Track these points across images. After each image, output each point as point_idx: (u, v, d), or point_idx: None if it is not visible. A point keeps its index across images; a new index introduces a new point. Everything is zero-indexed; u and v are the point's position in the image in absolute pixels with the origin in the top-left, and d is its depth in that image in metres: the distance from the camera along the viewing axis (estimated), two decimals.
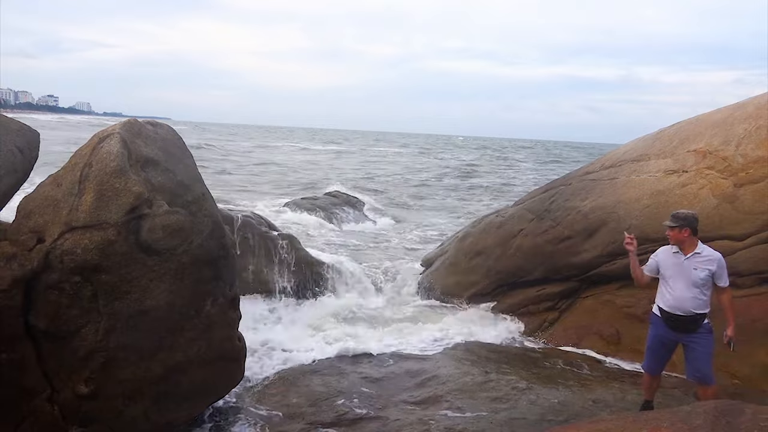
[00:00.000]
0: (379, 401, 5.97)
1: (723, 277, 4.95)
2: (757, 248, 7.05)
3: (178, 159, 5.26)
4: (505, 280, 9.20)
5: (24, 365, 4.49)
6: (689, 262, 4.98)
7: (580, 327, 8.15)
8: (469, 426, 5.37)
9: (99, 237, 4.50)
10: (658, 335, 5.17)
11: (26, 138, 5.55)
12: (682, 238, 5.02)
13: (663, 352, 5.21)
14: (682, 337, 5.02)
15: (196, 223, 5.02)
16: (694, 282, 4.92)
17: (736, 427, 3.40)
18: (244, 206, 16.90)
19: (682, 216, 5.02)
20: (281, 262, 9.85)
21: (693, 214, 5.08)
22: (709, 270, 4.91)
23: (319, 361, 7.19)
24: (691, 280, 4.93)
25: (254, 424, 5.58)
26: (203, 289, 5.11)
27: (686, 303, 4.94)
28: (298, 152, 55.90)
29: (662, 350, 5.20)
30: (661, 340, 5.17)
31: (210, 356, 5.22)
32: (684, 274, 4.97)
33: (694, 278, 4.93)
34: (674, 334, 5.06)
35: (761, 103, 8.10)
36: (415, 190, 27.80)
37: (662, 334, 5.13)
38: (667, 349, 5.18)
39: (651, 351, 5.28)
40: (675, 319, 5.01)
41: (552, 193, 9.57)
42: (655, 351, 5.25)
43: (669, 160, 8.27)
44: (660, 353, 5.22)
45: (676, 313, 4.99)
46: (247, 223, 9.90)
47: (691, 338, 4.98)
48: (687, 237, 5.00)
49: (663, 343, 5.16)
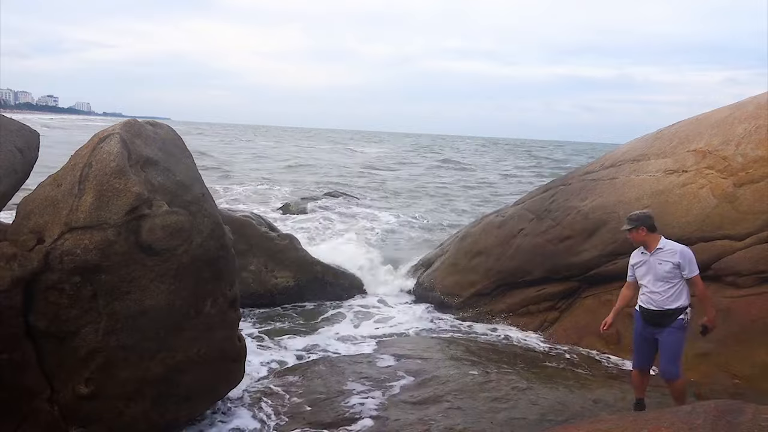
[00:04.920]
0: (379, 401, 5.96)
1: (688, 267, 5.06)
2: (757, 248, 7.05)
3: (177, 159, 5.26)
4: (505, 280, 9.19)
5: (24, 365, 4.49)
6: (654, 258, 5.16)
7: (580, 327, 8.15)
8: (469, 426, 5.36)
9: (99, 237, 4.49)
10: (637, 330, 5.36)
11: (26, 138, 5.55)
12: (641, 238, 5.22)
13: (644, 347, 5.32)
14: (656, 331, 5.16)
15: (196, 223, 5.02)
16: (661, 276, 5.09)
17: (736, 427, 3.40)
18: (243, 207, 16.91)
19: (635, 217, 5.25)
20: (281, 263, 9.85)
21: (645, 213, 5.34)
22: (671, 263, 5.06)
23: (319, 361, 7.19)
24: (658, 275, 5.11)
25: (254, 424, 5.58)
26: (203, 289, 5.10)
27: (655, 297, 5.12)
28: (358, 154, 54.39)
29: (643, 345, 5.32)
30: (640, 335, 5.32)
31: (210, 356, 5.22)
32: (651, 270, 5.16)
33: (659, 272, 5.10)
34: (650, 329, 5.21)
35: (761, 103, 8.10)
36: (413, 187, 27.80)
37: (640, 329, 5.30)
38: (648, 344, 5.29)
39: (635, 346, 5.46)
40: (648, 314, 5.18)
41: (552, 193, 9.58)
42: (637, 346, 5.41)
43: (669, 160, 8.27)
44: (641, 348, 5.35)
45: (648, 308, 5.17)
46: (247, 224, 9.90)
47: (663, 333, 5.12)
48: (645, 235, 5.19)
49: (643, 338, 5.30)
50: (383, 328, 8.84)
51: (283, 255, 9.92)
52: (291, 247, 10.08)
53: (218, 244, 5.22)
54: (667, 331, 5.08)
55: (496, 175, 38.99)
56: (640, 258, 5.28)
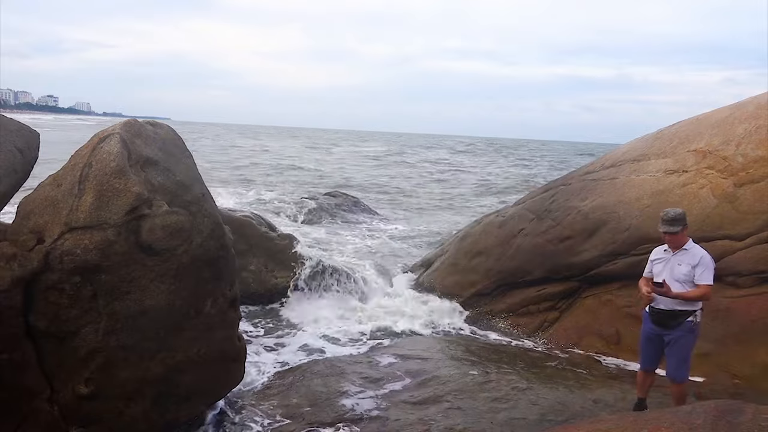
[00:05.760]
0: (379, 401, 5.96)
1: (703, 274, 4.95)
2: (757, 248, 7.04)
3: (177, 159, 5.26)
4: (506, 280, 9.19)
5: (24, 365, 4.49)
6: (675, 258, 5.08)
7: (580, 327, 8.14)
8: (469, 426, 5.36)
9: (99, 237, 4.49)
10: (644, 330, 5.29)
11: (26, 138, 5.55)
12: (684, 239, 5.08)
13: (650, 348, 5.27)
14: (664, 332, 5.10)
15: (196, 223, 5.02)
16: (677, 277, 5.01)
17: (736, 427, 3.40)
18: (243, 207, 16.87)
19: (680, 217, 5.03)
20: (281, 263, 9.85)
21: (683, 212, 5.14)
22: (690, 265, 4.97)
23: (319, 361, 7.19)
24: (674, 275, 5.02)
25: (254, 424, 5.58)
26: (203, 289, 5.10)
27: (667, 298, 5.02)
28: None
29: (649, 345, 5.27)
30: (647, 336, 5.27)
31: (210, 356, 5.21)
32: (668, 269, 5.08)
33: (677, 273, 5.02)
34: (657, 329, 5.14)
35: (761, 103, 8.10)
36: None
37: (647, 329, 5.24)
38: (653, 345, 5.24)
39: (641, 347, 5.39)
40: (657, 314, 5.11)
41: (552, 193, 9.57)
42: (642, 346, 5.35)
43: (669, 160, 8.27)
44: (647, 349, 5.30)
45: (658, 307, 5.09)
46: (247, 224, 9.90)
47: (671, 334, 5.05)
48: (684, 235, 5.07)
49: (649, 339, 5.25)
50: (383, 327, 8.83)
51: (283, 255, 9.92)
52: (291, 247, 10.08)
53: (218, 244, 5.22)
54: (676, 333, 5.00)
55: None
56: (662, 255, 5.18)
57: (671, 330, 5.03)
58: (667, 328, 5.05)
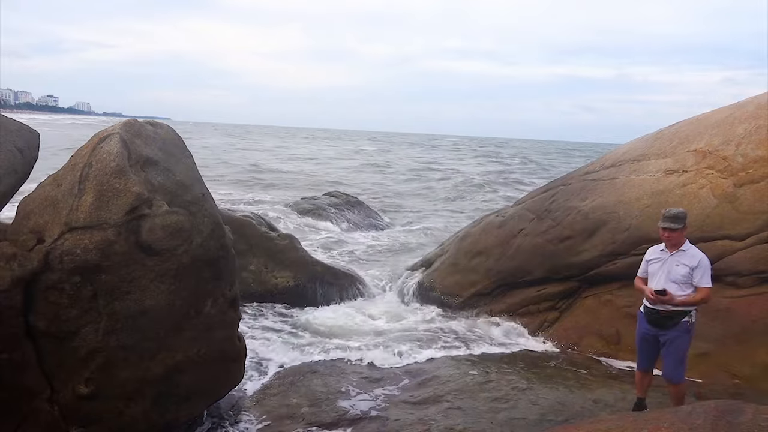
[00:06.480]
0: (379, 401, 5.97)
1: (701, 275, 4.94)
2: (757, 248, 7.04)
3: (177, 159, 5.26)
4: (505, 280, 9.19)
5: (24, 365, 4.48)
6: (673, 258, 5.05)
7: (580, 327, 8.14)
8: (469, 426, 5.37)
9: (99, 237, 4.49)
10: (640, 330, 5.29)
11: (26, 138, 5.55)
12: (682, 238, 5.08)
13: (646, 348, 5.27)
14: (660, 332, 5.09)
15: (196, 223, 5.01)
16: (674, 278, 4.99)
17: (736, 427, 3.40)
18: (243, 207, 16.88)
19: (681, 215, 5.04)
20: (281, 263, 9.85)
21: (685, 211, 5.15)
22: (689, 267, 4.95)
23: (319, 361, 7.19)
24: (672, 276, 5.00)
25: (254, 424, 5.58)
26: (203, 289, 5.10)
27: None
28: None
29: (645, 346, 5.27)
30: (642, 336, 5.26)
31: (210, 356, 5.21)
32: (665, 270, 5.05)
33: (674, 274, 5.00)
34: (653, 330, 5.13)
35: (761, 103, 8.10)
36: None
37: (643, 329, 5.23)
38: (649, 345, 5.24)
39: (637, 347, 5.40)
40: (653, 314, 5.10)
41: (552, 193, 9.57)
42: (639, 346, 5.35)
43: (669, 160, 8.27)
44: (644, 349, 5.30)
45: (654, 308, 5.07)
46: (247, 224, 9.90)
47: (667, 335, 5.05)
48: (683, 235, 5.07)
49: (645, 339, 5.25)
50: (383, 327, 8.82)
51: (283, 255, 9.92)
52: (291, 247, 10.08)
53: (218, 244, 5.22)
54: (672, 333, 5.01)
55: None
56: (658, 255, 5.16)
57: (667, 330, 5.03)
58: (663, 328, 5.05)
